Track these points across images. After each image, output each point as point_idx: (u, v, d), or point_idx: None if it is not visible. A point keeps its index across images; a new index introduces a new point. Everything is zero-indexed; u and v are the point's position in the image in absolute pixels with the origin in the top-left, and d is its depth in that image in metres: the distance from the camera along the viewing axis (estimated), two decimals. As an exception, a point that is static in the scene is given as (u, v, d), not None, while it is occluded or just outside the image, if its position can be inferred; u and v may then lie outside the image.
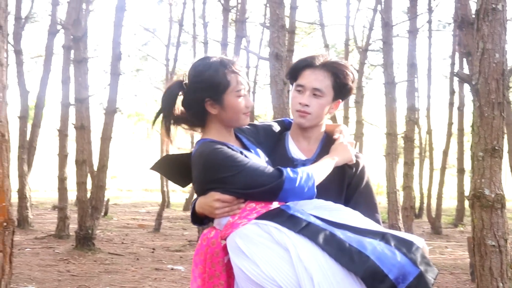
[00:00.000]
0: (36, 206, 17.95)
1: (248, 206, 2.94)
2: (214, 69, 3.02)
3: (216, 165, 2.92)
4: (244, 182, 2.90)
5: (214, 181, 2.95)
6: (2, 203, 4.23)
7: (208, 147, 2.97)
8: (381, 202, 22.70)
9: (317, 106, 3.22)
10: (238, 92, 3.03)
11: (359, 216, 2.97)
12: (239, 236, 2.86)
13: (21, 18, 14.54)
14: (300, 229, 2.80)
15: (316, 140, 3.36)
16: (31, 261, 9.58)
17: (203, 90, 3.02)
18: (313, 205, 2.98)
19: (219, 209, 2.95)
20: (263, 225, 2.86)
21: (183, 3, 18.92)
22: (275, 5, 6.60)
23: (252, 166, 2.93)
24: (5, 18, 4.24)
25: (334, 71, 3.24)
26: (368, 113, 22.63)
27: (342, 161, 3.16)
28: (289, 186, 2.89)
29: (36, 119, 14.03)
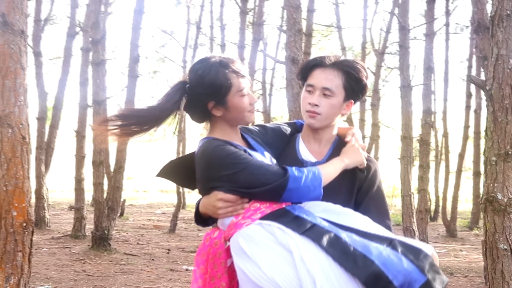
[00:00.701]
0: (53, 207, 18.09)
1: (252, 206, 2.88)
2: (214, 71, 2.95)
3: (218, 162, 2.85)
4: (247, 180, 2.83)
5: (216, 179, 2.88)
6: (22, 204, 4.30)
7: (211, 144, 2.91)
8: (396, 204, 22.70)
9: (327, 106, 3.12)
10: (241, 91, 2.96)
11: (368, 221, 2.89)
12: (242, 237, 2.80)
13: (41, 20, 14.67)
14: (304, 230, 2.74)
15: (328, 142, 3.28)
16: (48, 261, 9.68)
17: (206, 95, 2.96)
18: (322, 208, 2.92)
19: (222, 209, 2.89)
20: (267, 225, 2.80)
21: (200, 6, 19.01)
22: (292, 9, 6.65)
23: (255, 164, 2.86)
24: (26, 23, 4.33)
25: (346, 70, 3.14)
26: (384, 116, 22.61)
27: (353, 164, 3.08)
28: (293, 185, 2.81)
29: (54, 120, 14.15)
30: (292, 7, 6.63)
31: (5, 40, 4.22)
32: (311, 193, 2.86)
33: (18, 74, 4.27)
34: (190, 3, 20.90)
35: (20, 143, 4.32)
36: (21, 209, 4.32)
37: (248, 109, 3.01)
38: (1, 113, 4.26)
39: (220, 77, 2.94)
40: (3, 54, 4.22)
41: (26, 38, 4.34)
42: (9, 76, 4.24)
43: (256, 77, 18.21)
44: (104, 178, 11.37)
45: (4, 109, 4.25)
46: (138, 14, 10.83)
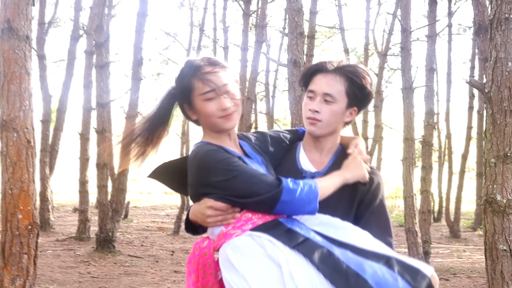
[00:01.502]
0: (57, 209, 18.15)
1: (244, 216, 2.71)
2: (181, 73, 2.86)
3: (209, 168, 2.71)
4: (238, 189, 2.68)
5: (207, 185, 2.73)
6: (28, 207, 4.35)
7: (203, 149, 2.77)
8: (399, 205, 22.70)
9: (328, 113, 2.97)
10: (203, 95, 2.79)
11: (368, 237, 2.72)
12: (231, 248, 2.65)
13: (45, 23, 14.74)
14: (296, 244, 2.60)
15: (329, 152, 3.11)
16: (53, 263, 9.74)
17: (178, 97, 2.89)
18: (319, 221, 2.77)
19: (212, 217, 2.73)
20: (257, 237, 2.64)
21: (203, 8, 19.06)
22: (293, 12, 6.68)
23: (248, 173, 2.71)
24: (30, 29, 4.39)
25: (349, 76, 2.98)
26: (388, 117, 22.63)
27: (353, 179, 2.92)
28: (287, 197, 2.65)
29: (58, 123, 14.20)
30: (294, 10, 6.66)
31: (10, 46, 4.29)
32: (306, 207, 2.70)
33: (23, 79, 4.33)
34: (193, 5, 20.94)
35: (25, 147, 4.38)
36: (27, 212, 4.38)
37: (218, 115, 2.81)
38: (7, 118, 4.32)
39: (184, 79, 2.83)
40: (9, 59, 4.29)
41: (31, 44, 4.40)
42: (14, 81, 4.31)
43: (259, 79, 18.24)
44: (108, 180, 11.44)
45: (10, 113, 4.31)
46: (142, 17, 10.88)
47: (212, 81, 2.80)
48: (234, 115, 2.85)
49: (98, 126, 11.18)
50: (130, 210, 18.66)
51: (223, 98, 2.80)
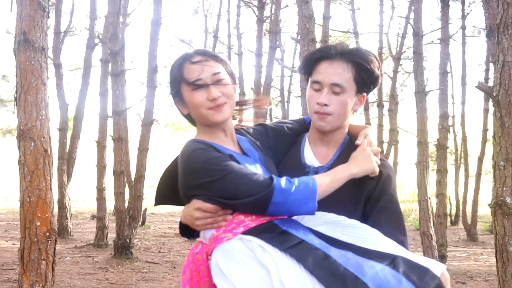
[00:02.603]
0: (75, 216, 18.28)
1: (236, 218, 2.55)
2: (173, 65, 2.73)
3: (196, 168, 2.54)
4: (227, 190, 2.50)
5: (194, 187, 2.57)
6: (45, 214, 4.43)
7: (190, 147, 2.61)
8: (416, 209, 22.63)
9: (339, 105, 2.74)
10: (191, 84, 2.64)
11: (377, 235, 2.53)
12: (221, 253, 2.49)
13: (60, 32, 14.88)
14: (288, 247, 2.41)
15: (336, 144, 2.88)
16: (71, 270, 9.82)
17: (171, 89, 2.76)
18: (323, 220, 2.60)
19: (200, 219, 2.56)
20: (248, 241, 2.47)
21: (217, 15, 19.16)
22: (305, 19, 6.75)
23: (237, 172, 2.52)
24: (46, 40, 4.48)
25: (355, 60, 2.75)
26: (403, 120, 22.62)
27: (361, 173, 2.68)
28: (279, 198, 2.46)
29: (75, 131, 14.31)
30: (305, 17, 6.74)
31: (26, 57, 4.38)
32: (302, 207, 2.50)
33: (39, 89, 4.42)
34: (207, 12, 21.08)
35: (42, 155, 4.47)
36: (44, 219, 4.46)
37: (206, 105, 2.64)
38: (24, 127, 4.41)
39: (174, 69, 2.72)
40: (25, 70, 4.38)
41: (46, 55, 4.49)
42: (31, 91, 4.40)
43: (274, 85, 18.31)
44: (125, 188, 11.51)
45: (27, 123, 4.40)
46: (156, 26, 10.97)
47: (201, 69, 2.65)
48: (225, 106, 2.67)
49: (115, 134, 11.26)
50: (148, 217, 18.73)
51: (212, 88, 2.64)
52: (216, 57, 2.74)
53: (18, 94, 4.44)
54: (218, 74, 2.66)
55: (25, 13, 4.36)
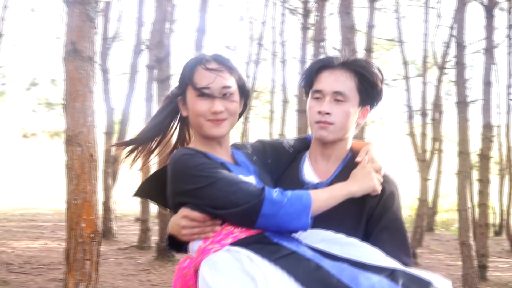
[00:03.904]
0: (120, 218, 18.53)
1: (225, 230, 2.40)
2: (187, 63, 2.63)
3: (183, 174, 2.42)
4: (214, 198, 2.36)
5: (181, 194, 2.45)
6: (90, 216, 4.58)
7: (179, 153, 2.51)
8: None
9: (341, 114, 2.63)
10: (198, 90, 2.53)
11: (378, 254, 2.36)
12: (207, 264, 2.34)
13: (108, 38, 15.15)
14: (278, 258, 2.28)
15: (337, 159, 2.75)
16: (115, 271, 10.01)
17: (177, 87, 2.68)
18: (321, 237, 2.44)
19: (187, 228, 2.42)
20: (235, 252, 2.33)
21: (262, 23, 19.28)
22: (346, 29, 6.86)
23: (226, 180, 2.38)
24: (93, 50, 4.66)
25: (358, 70, 2.65)
26: (448, 129, 22.49)
27: (361, 191, 2.54)
28: (269, 210, 2.31)
29: (121, 135, 14.49)
30: (346, 27, 6.83)
31: (75, 66, 4.54)
32: (294, 222, 2.34)
33: (86, 97, 4.57)
34: (252, 19, 21.22)
35: (88, 160, 4.61)
36: (89, 221, 4.60)
37: (206, 116, 2.53)
38: (71, 133, 4.56)
39: (186, 68, 2.61)
40: (73, 79, 4.55)
41: (93, 64, 4.66)
42: (79, 99, 4.55)
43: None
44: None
45: (74, 129, 4.55)
46: (201, 33, 11.12)
47: (212, 78, 2.54)
48: (225, 123, 2.57)
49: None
50: (190, 221, 18.85)
51: (218, 100, 2.53)
52: (232, 68, 2.62)
53: (66, 101, 4.61)
54: (228, 89, 2.56)
55: (74, 24, 4.54)
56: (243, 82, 2.68)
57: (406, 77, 16.59)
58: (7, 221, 16.16)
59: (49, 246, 12.44)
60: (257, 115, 28.46)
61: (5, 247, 11.86)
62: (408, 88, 16.24)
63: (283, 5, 18.21)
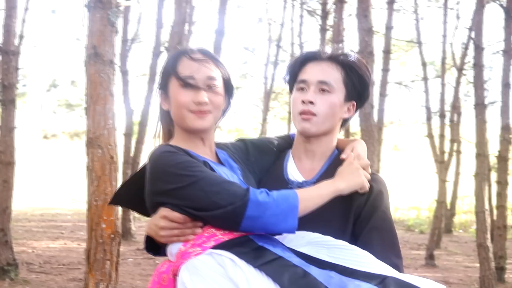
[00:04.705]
0: (138, 219, 18.60)
1: (207, 232, 2.25)
2: (170, 55, 2.51)
3: (163, 173, 2.26)
4: (195, 199, 2.20)
5: (160, 193, 2.28)
6: (110, 217, 4.64)
7: (159, 150, 2.35)
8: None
9: (325, 105, 2.50)
10: (182, 80, 2.39)
11: (368, 257, 2.24)
12: (188, 269, 2.19)
13: (128, 40, 15.25)
14: (263, 263, 2.13)
15: (323, 156, 2.61)
16: (133, 271, 10.10)
17: (160, 79, 2.53)
18: (306, 240, 2.30)
19: (166, 229, 2.25)
20: (218, 255, 2.17)
21: (280, 24, 19.34)
22: (363, 32, 6.87)
23: (209, 179, 2.23)
24: (114, 54, 4.73)
25: (346, 63, 2.55)
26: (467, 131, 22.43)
27: (349, 189, 2.41)
28: (254, 212, 2.16)
29: (140, 136, 14.57)
30: (364, 30, 6.85)
31: (96, 70, 4.61)
32: (280, 224, 2.21)
33: (107, 100, 4.63)
34: (271, 20, 21.27)
35: (108, 162, 4.67)
36: (109, 222, 4.66)
37: (189, 107, 2.39)
38: (92, 135, 4.63)
39: (170, 59, 2.50)
40: (94, 82, 4.62)
41: (114, 68, 4.73)
42: (100, 102, 4.61)
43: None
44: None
45: (95, 131, 4.61)
46: (220, 35, 11.17)
47: (197, 68, 2.41)
48: (209, 116, 2.43)
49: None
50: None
51: (202, 91, 2.40)
52: (218, 61, 2.51)
53: (87, 104, 4.68)
54: (213, 80, 2.44)
55: (96, 28, 4.61)
56: (228, 77, 2.56)
57: (424, 78, 16.58)
58: (27, 221, 16.31)
59: (68, 246, 12.56)
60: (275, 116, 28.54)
61: (26, 247, 11.99)
62: (427, 90, 16.22)
63: (302, 7, 18.23)
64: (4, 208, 9.02)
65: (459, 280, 11.20)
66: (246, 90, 29.87)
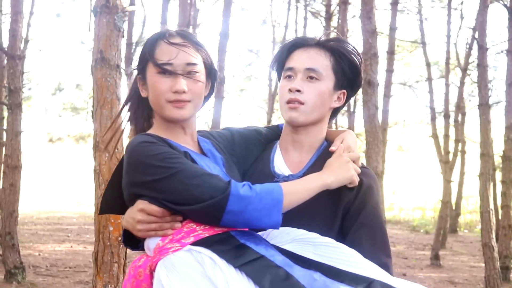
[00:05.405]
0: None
1: (186, 227, 2.14)
2: (149, 38, 2.36)
3: (140, 163, 2.13)
4: (173, 192, 2.09)
5: (138, 185, 2.16)
6: (118, 220, 4.64)
7: (137, 140, 2.21)
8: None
9: (313, 93, 2.38)
10: (159, 66, 2.25)
11: (355, 256, 2.13)
12: (165, 265, 2.08)
13: (132, 43, 15.30)
14: (244, 263, 2.03)
15: (311, 148, 2.48)
16: (140, 273, 10.13)
17: (138, 63, 2.40)
18: (291, 237, 2.19)
19: (143, 223, 2.14)
20: (197, 252, 2.07)
21: (284, 26, 19.37)
22: (367, 34, 6.89)
23: (189, 171, 2.10)
24: (121, 58, 4.77)
25: (335, 49, 2.42)
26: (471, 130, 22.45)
27: (337, 183, 2.28)
28: (236, 206, 2.05)
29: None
30: (368, 32, 6.87)
31: (102, 74, 4.65)
32: (263, 219, 2.09)
33: (114, 104, 4.67)
34: (275, 22, 21.29)
35: (116, 165, 4.71)
36: (117, 225, 4.69)
37: (167, 96, 2.25)
38: (99, 139, 4.65)
39: (148, 43, 2.35)
40: (101, 86, 4.66)
41: (121, 72, 4.77)
42: (106, 106, 4.65)
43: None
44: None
45: (102, 135, 4.67)
46: (224, 37, 11.21)
47: (175, 53, 2.27)
48: (188, 105, 2.28)
49: (183, 142, 11.53)
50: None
51: (181, 79, 2.25)
52: (199, 44, 2.35)
53: (94, 108, 4.73)
54: (193, 66, 2.29)
55: (102, 33, 4.65)
56: (210, 62, 2.40)
57: (429, 78, 16.62)
58: (33, 225, 16.37)
59: (74, 249, 12.61)
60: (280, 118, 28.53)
61: (32, 250, 12.05)
62: (431, 90, 16.25)
63: (306, 8, 18.27)
64: (11, 212, 9.08)
65: (464, 280, 11.22)
66: (251, 92, 29.90)
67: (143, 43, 11.70)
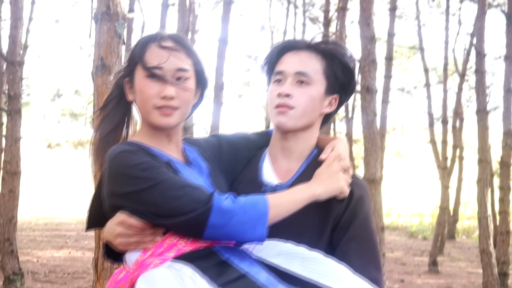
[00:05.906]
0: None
1: (168, 240, 2.06)
2: (139, 40, 2.25)
3: (119, 174, 2.05)
4: (154, 204, 2.00)
5: (118, 196, 2.07)
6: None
7: (117, 149, 2.11)
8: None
9: (303, 98, 2.27)
10: (148, 70, 2.16)
11: (344, 272, 2.02)
12: (145, 281, 1.98)
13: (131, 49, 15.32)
14: (226, 282, 1.93)
15: (300, 156, 2.36)
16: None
17: (127, 65, 2.28)
18: (278, 250, 2.09)
19: (122, 236, 2.06)
20: (177, 270, 1.97)
21: (283, 32, 19.40)
22: (366, 40, 6.91)
23: (170, 183, 2.02)
24: (121, 65, 4.79)
25: (327, 52, 2.32)
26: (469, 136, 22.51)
27: (326, 194, 2.16)
28: (218, 220, 1.96)
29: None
30: (367, 38, 6.89)
31: (103, 81, 4.66)
32: (248, 233, 2.00)
33: (114, 110, 4.71)
34: (273, 28, 21.34)
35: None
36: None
37: (154, 102, 2.16)
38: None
39: (138, 45, 2.24)
40: (102, 93, 4.67)
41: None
42: (107, 112, 4.69)
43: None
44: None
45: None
46: (223, 43, 11.25)
47: (165, 57, 2.18)
48: (175, 113, 2.19)
49: (182, 148, 11.55)
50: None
51: (170, 85, 2.17)
52: (191, 50, 2.27)
53: (96, 115, 4.75)
54: (183, 72, 2.20)
55: (103, 40, 4.67)
56: (201, 69, 2.31)
57: (427, 84, 16.68)
58: (32, 231, 16.37)
59: (73, 255, 12.62)
60: (278, 124, 28.54)
61: (31, 256, 12.06)
62: (429, 96, 16.31)
63: (304, 14, 18.32)
64: (10, 218, 9.09)
65: (462, 286, 11.24)
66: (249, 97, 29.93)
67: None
